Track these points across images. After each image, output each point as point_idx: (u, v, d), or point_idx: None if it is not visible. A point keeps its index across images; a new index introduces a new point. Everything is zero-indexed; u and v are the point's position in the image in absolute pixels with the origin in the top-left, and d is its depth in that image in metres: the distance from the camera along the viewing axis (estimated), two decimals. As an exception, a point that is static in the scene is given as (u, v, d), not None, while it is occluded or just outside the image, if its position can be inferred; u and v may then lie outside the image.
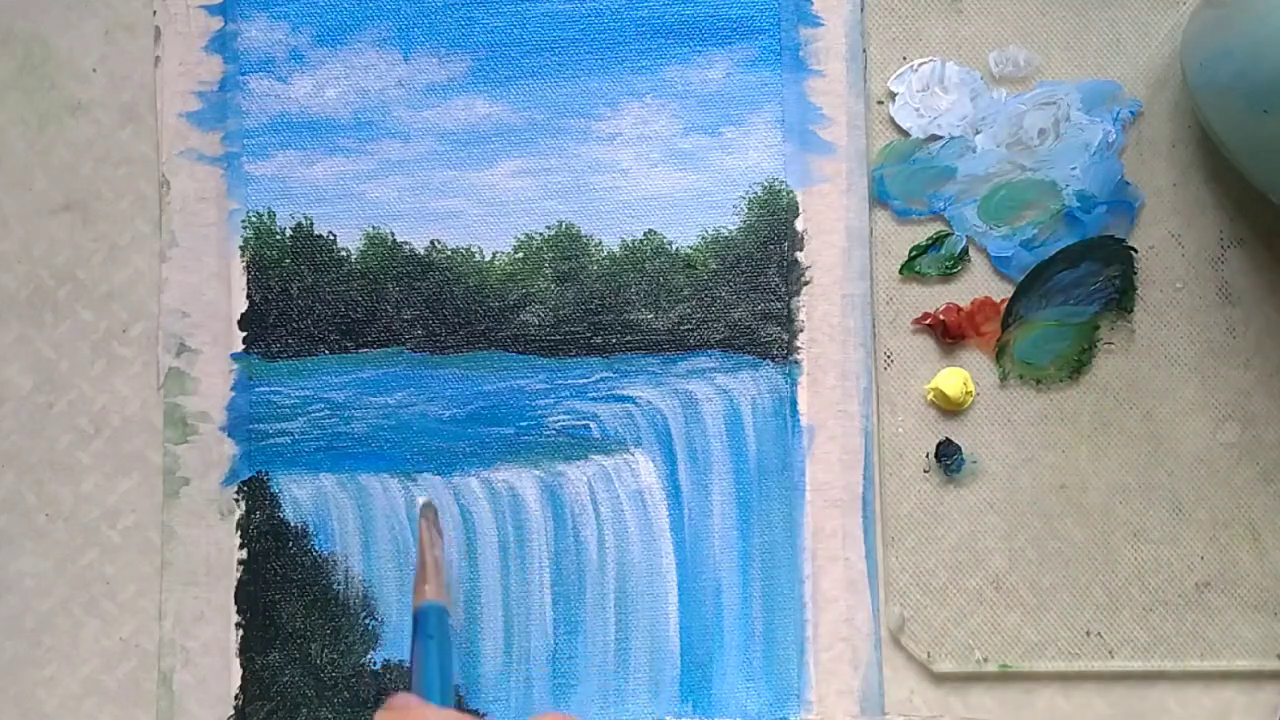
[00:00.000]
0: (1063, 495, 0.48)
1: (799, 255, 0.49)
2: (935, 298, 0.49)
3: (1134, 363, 0.49)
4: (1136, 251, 0.49)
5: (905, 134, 0.49)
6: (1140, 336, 0.49)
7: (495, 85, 0.50)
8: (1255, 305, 0.49)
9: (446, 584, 0.45)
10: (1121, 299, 0.49)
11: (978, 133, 0.49)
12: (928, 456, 0.49)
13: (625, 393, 0.49)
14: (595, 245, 0.50)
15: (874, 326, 0.49)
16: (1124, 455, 0.49)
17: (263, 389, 0.49)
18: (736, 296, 0.49)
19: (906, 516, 0.48)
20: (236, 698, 0.48)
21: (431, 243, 0.50)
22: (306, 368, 0.49)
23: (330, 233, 0.50)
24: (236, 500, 0.49)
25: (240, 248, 0.49)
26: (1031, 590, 0.48)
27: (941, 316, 0.49)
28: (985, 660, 0.48)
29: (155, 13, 0.50)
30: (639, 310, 0.49)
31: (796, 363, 0.49)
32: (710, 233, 0.49)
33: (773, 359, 0.49)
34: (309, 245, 0.50)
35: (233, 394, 0.49)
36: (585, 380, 0.49)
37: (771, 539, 0.48)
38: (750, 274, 0.49)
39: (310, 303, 0.49)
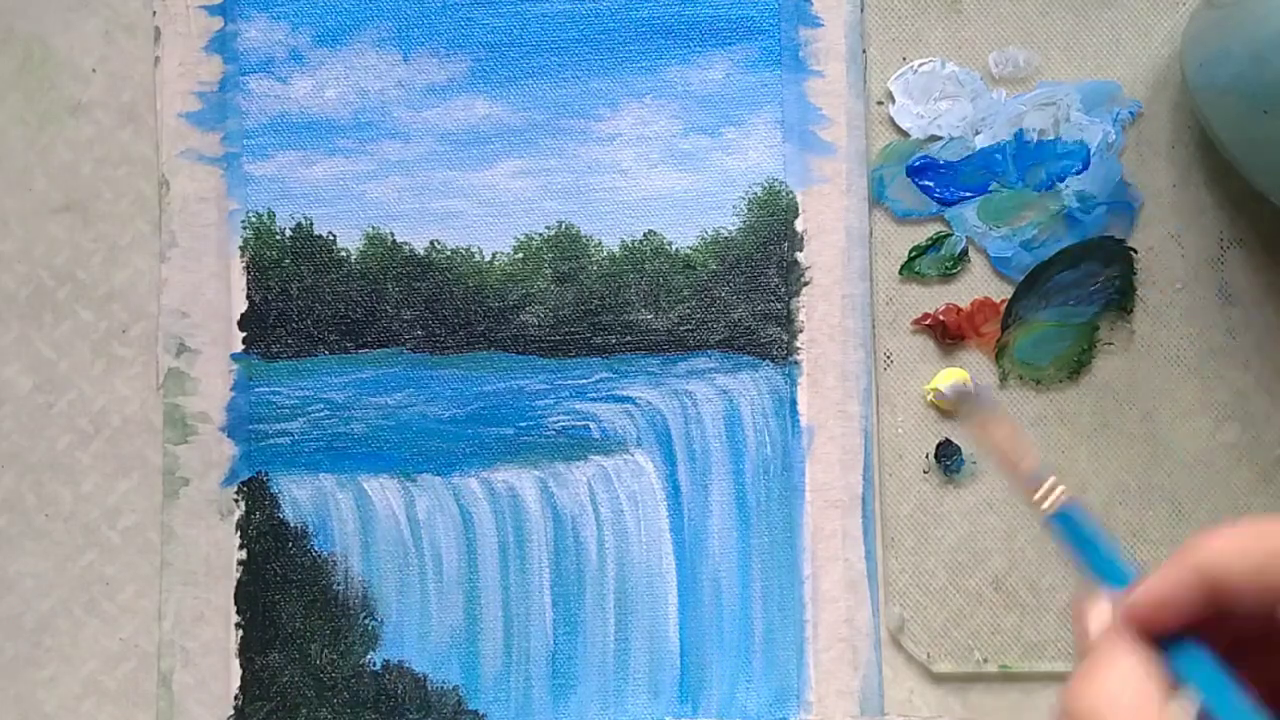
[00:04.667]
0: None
1: (799, 255, 0.49)
2: (935, 298, 0.49)
3: (1134, 363, 0.49)
4: (1136, 252, 0.49)
5: (905, 134, 0.49)
6: (1140, 337, 0.49)
7: (495, 86, 0.50)
8: (1255, 306, 0.49)
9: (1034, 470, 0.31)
10: (1121, 299, 0.49)
11: (978, 133, 0.49)
12: (928, 457, 0.49)
13: (625, 393, 0.49)
14: (595, 245, 0.49)
15: (874, 327, 0.49)
16: (1124, 456, 0.48)
17: (262, 389, 0.49)
18: (736, 297, 0.49)
19: (906, 517, 0.48)
20: (236, 698, 0.48)
21: (431, 243, 0.50)
22: (306, 368, 0.49)
23: (330, 233, 0.50)
24: (236, 500, 0.49)
25: (240, 248, 0.49)
26: (1031, 591, 0.48)
27: (941, 317, 0.49)
28: (985, 661, 0.48)
29: (155, 13, 0.50)
30: (639, 311, 0.49)
31: (796, 363, 0.49)
32: (710, 233, 0.49)
33: (773, 359, 0.49)
34: (309, 245, 0.50)
35: (233, 394, 0.49)
36: (585, 380, 0.49)
37: (771, 539, 0.48)
38: (750, 274, 0.49)
39: (310, 303, 0.49)
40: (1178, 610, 0.23)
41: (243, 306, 0.49)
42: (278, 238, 0.50)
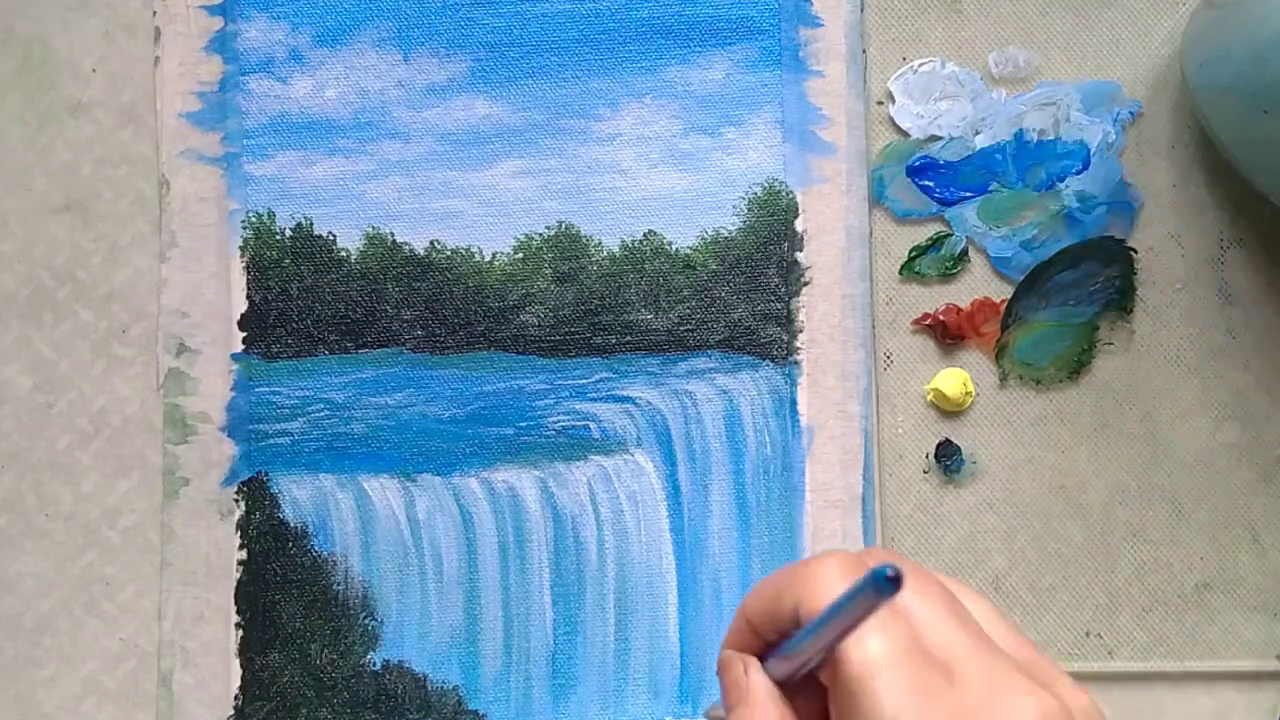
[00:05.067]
0: (1062, 495, 0.48)
1: (799, 255, 0.49)
2: (935, 298, 0.49)
3: (1134, 363, 0.49)
4: (1136, 252, 0.49)
5: (905, 134, 0.49)
6: (1140, 337, 0.49)
7: (495, 86, 0.50)
8: (1255, 306, 0.49)
9: None
10: (1121, 299, 0.49)
11: (978, 133, 0.49)
12: (927, 457, 0.49)
13: (625, 393, 0.49)
14: (595, 245, 0.49)
15: (874, 327, 0.49)
16: (1124, 456, 0.48)
17: (263, 389, 0.49)
18: (736, 297, 0.49)
19: (906, 517, 0.48)
20: (236, 698, 0.48)
21: (431, 243, 0.50)
22: (306, 368, 0.49)
23: (330, 233, 0.50)
24: (236, 500, 0.49)
25: (240, 248, 0.49)
26: (1031, 590, 0.48)
27: (941, 317, 0.49)
28: (985, 660, 0.48)
29: (155, 13, 0.50)
30: (639, 311, 0.49)
31: (796, 363, 0.49)
32: (710, 233, 0.49)
33: (773, 359, 0.49)
34: (309, 245, 0.50)
35: (233, 394, 0.49)
36: (585, 380, 0.49)
37: (771, 539, 0.48)
38: (750, 274, 0.49)
39: (310, 303, 0.49)
40: (748, 641, 0.30)
41: (243, 306, 0.49)
42: (278, 238, 0.50)
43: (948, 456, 0.48)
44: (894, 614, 0.27)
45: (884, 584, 0.24)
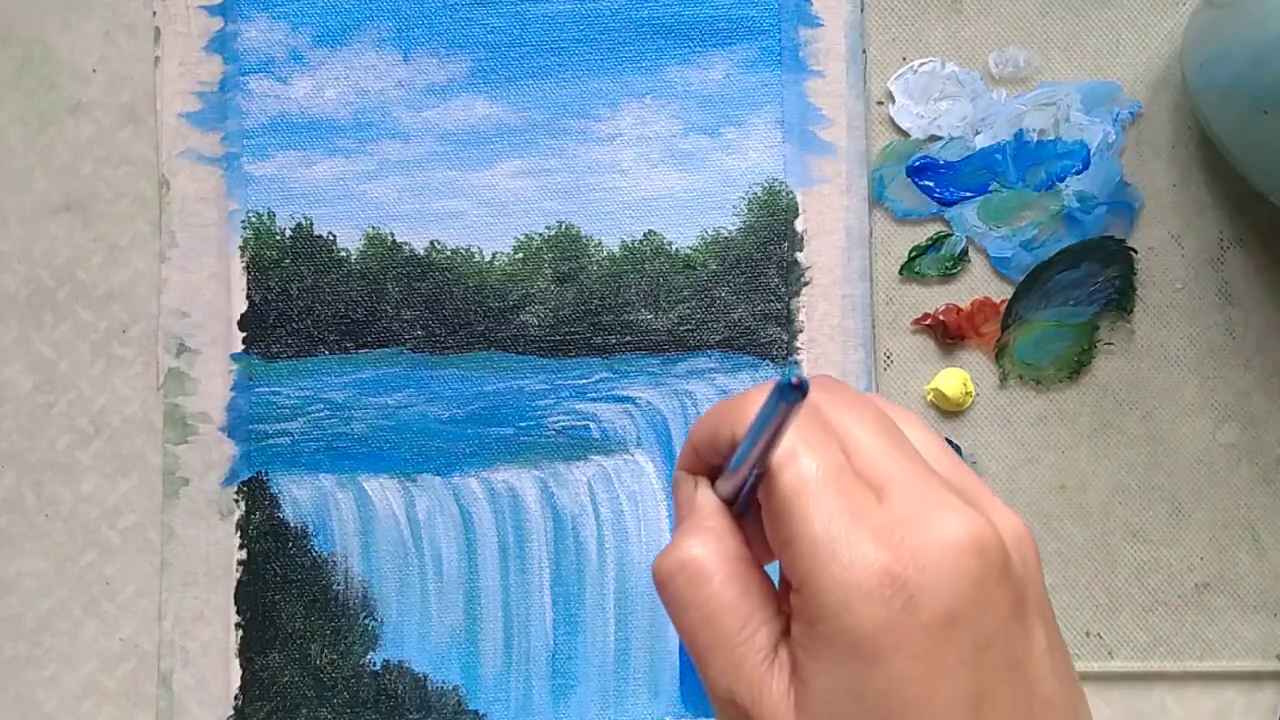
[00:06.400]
0: (1062, 495, 0.48)
1: (799, 256, 0.49)
2: (935, 298, 0.49)
3: (1134, 363, 0.49)
4: (1136, 252, 0.49)
5: (905, 134, 0.49)
6: (1140, 337, 0.49)
7: (495, 86, 0.50)
8: (1255, 306, 0.49)
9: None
10: (1121, 300, 0.49)
11: (978, 133, 0.49)
12: (927, 457, 0.49)
13: (625, 393, 0.49)
14: (595, 246, 0.50)
15: (874, 327, 0.49)
16: (1124, 456, 0.48)
17: (263, 389, 0.49)
18: (736, 297, 0.49)
19: (906, 517, 0.48)
20: (236, 698, 0.48)
21: (431, 243, 0.50)
22: (306, 368, 0.49)
23: (330, 233, 0.50)
24: (236, 500, 0.49)
25: (240, 248, 0.49)
26: (1031, 591, 0.48)
27: (941, 317, 0.49)
28: (985, 661, 0.48)
29: (155, 13, 0.50)
30: (639, 311, 0.49)
31: (796, 363, 0.49)
32: (710, 233, 0.49)
33: (773, 359, 0.49)
34: (309, 245, 0.50)
35: (232, 394, 0.49)
36: (585, 381, 0.49)
37: (771, 539, 0.48)
38: (750, 274, 0.49)
39: (310, 303, 0.49)
40: (696, 468, 0.32)
41: (243, 306, 0.49)
42: (278, 238, 0.50)
43: (948, 456, 0.48)
44: (825, 435, 0.28)
45: (789, 390, 0.25)
